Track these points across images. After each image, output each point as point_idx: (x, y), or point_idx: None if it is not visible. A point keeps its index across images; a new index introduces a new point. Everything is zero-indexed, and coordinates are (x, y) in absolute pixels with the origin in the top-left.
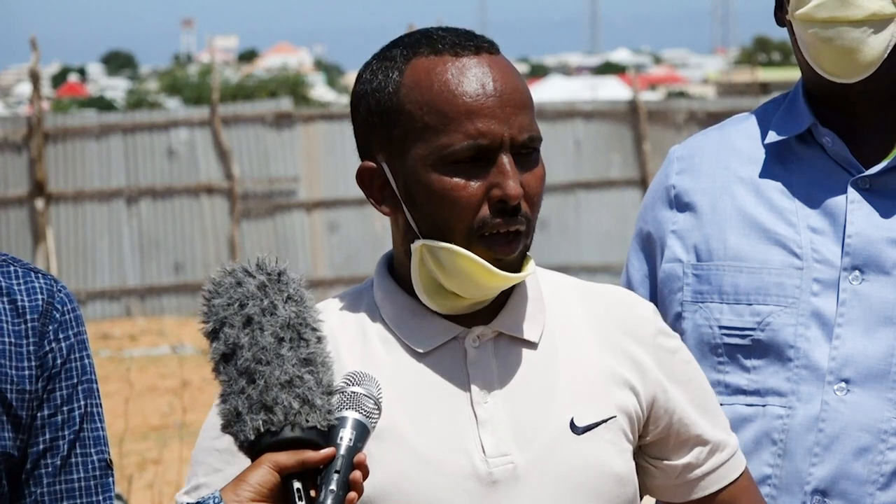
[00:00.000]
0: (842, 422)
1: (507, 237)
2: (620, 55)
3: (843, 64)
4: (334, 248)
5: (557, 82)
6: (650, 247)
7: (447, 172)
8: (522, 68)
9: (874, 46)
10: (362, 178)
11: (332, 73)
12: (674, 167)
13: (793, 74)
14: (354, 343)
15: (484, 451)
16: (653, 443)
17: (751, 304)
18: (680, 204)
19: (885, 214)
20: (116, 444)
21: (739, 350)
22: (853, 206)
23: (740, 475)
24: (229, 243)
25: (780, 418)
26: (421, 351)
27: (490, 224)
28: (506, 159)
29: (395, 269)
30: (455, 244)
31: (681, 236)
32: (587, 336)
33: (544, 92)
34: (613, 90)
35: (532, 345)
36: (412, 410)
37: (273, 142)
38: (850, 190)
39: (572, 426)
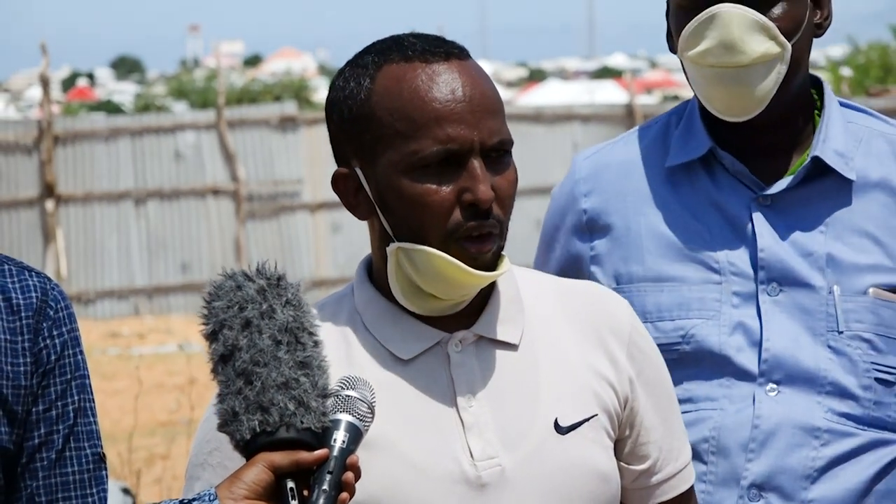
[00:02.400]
0: (775, 420)
1: (480, 238)
2: (617, 60)
3: (734, 105)
4: (337, 249)
5: (555, 86)
6: (574, 267)
7: (418, 178)
8: (521, 73)
9: (763, 87)
10: (337, 183)
11: None
12: (581, 188)
13: None
14: (338, 351)
15: (472, 455)
16: (616, 442)
17: (674, 320)
18: (594, 228)
19: (789, 229)
20: (125, 440)
21: (668, 365)
22: (759, 222)
23: (689, 489)
24: (235, 244)
25: (712, 419)
26: (404, 358)
27: (463, 228)
28: (476, 163)
29: (374, 273)
30: (430, 246)
31: (600, 262)
32: (566, 333)
33: (543, 96)
34: (610, 94)
35: (513, 346)
36: (399, 418)
37: (277, 145)
38: (754, 207)
39: (556, 426)
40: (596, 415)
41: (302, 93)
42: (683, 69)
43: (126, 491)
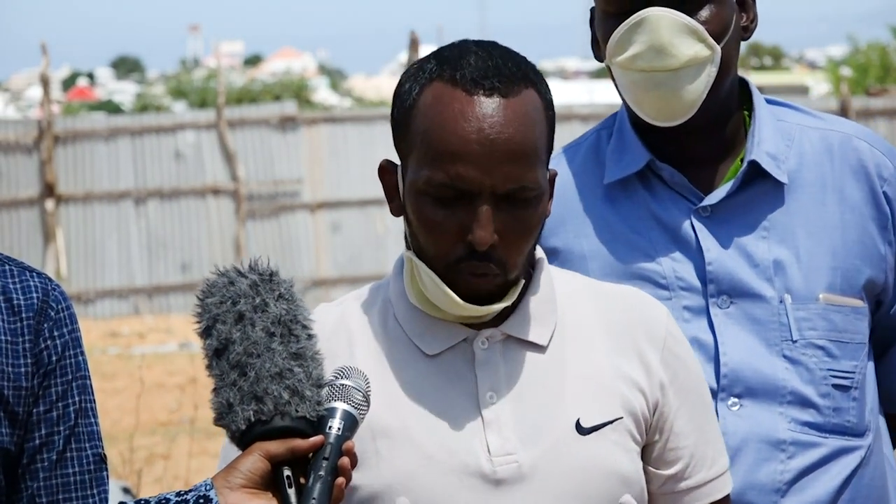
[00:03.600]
0: (741, 435)
1: (478, 274)
2: None
3: (665, 109)
4: (337, 248)
5: (555, 86)
6: None
7: (429, 203)
8: None
9: (693, 90)
10: (382, 173)
11: (334, 77)
12: None
13: (785, 79)
14: (370, 341)
15: (489, 451)
16: (645, 446)
17: None
18: None
19: (733, 238)
20: (126, 440)
21: None
22: (703, 235)
23: (723, 497)
24: (235, 243)
25: None
26: (430, 353)
27: (463, 262)
28: (483, 208)
29: None
30: (432, 267)
31: None
32: (598, 337)
33: None
34: (610, 93)
35: (541, 348)
36: (421, 410)
37: (277, 144)
38: (695, 218)
39: (578, 427)
40: (621, 418)
41: (302, 92)
42: (611, 76)
43: (126, 490)
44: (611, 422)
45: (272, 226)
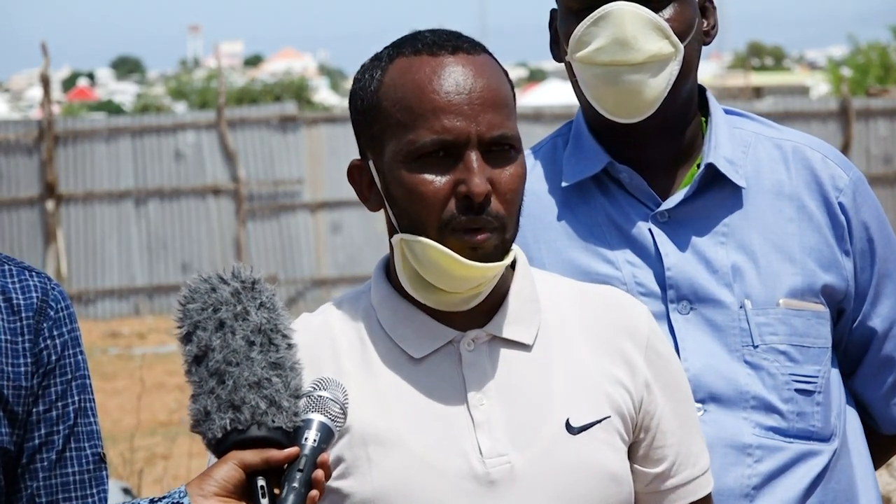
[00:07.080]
0: (707, 440)
1: (475, 230)
2: None
3: (626, 105)
4: (337, 248)
5: (556, 86)
6: None
7: (415, 168)
8: (522, 73)
9: (655, 87)
10: (351, 174)
11: (335, 77)
12: None
13: (786, 79)
14: (354, 348)
15: (481, 453)
16: (631, 445)
17: None
18: None
19: (691, 243)
20: (126, 440)
21: None
22: (661, 240)
23: (706, 496)
24: (235, 243)
25: None
26: (416, 356)
27: (457, 220)
28: (472, 156)
29: (391, 270)
30: (428, 237)
31: None
32: (582, 336)
33: (543, 95)
34: None
35: (526, 347)
36: (410, 414)
37: (278, 144)
38: (653, 223)
39: (568, 426)
40: (608, 417)
41: (302, 93)
42: (571, 75)
43: (126, 491)
44: (599, 421)
45: (272, 226)
